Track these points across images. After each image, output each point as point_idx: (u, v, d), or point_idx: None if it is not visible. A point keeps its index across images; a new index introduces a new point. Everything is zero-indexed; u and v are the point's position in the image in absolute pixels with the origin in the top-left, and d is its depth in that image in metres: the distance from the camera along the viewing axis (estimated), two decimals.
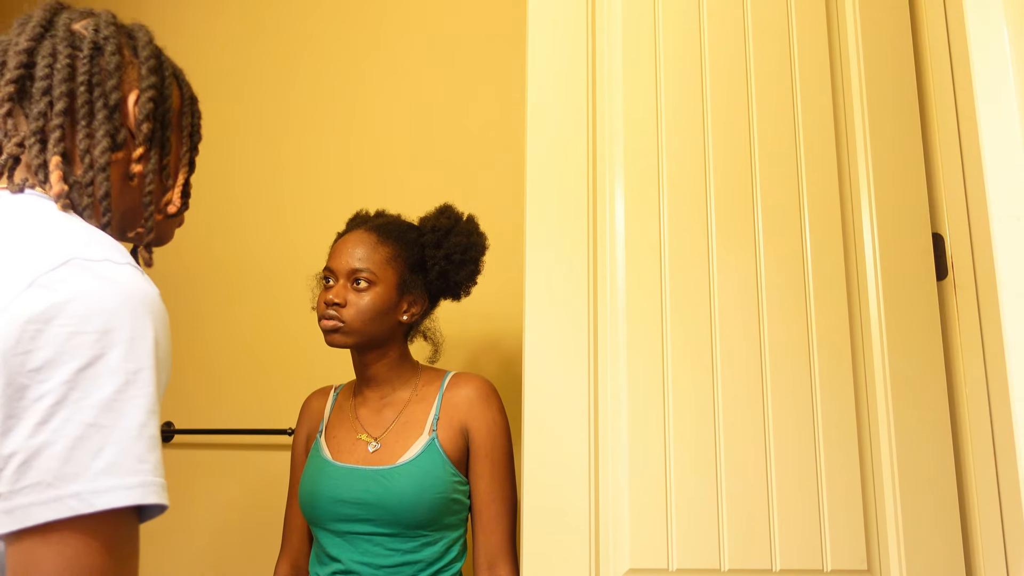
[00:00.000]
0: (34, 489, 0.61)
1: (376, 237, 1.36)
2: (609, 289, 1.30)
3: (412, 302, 1.37)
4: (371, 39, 2.07)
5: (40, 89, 0.81)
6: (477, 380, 1.36)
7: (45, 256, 0.68)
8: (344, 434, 1.37)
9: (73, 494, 0.61)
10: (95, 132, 0.83)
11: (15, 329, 0.63)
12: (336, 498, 1.29)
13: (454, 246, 1.38)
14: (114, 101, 0.85)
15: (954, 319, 1.31)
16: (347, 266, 1.33)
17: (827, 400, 1.27)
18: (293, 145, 2.09)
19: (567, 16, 1.39)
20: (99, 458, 0.62)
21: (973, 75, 0.88)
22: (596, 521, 1.22)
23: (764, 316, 1.29)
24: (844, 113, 1.38)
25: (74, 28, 0.86)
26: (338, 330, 1.32)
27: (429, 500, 1.26)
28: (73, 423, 0.62)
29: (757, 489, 1.23)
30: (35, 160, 0.80)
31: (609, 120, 1.36)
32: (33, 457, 0.61)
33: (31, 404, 0.62)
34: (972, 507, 1.25)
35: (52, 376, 0.62)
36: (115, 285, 0.68)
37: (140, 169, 0.87)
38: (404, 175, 1.98)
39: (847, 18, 1.41)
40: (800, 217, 1.33)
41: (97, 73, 0.84)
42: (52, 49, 0.83)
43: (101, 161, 0.83)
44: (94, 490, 0.62)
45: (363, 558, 1.27)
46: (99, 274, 0.68)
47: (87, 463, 0.62)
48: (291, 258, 2.02)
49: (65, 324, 0.64)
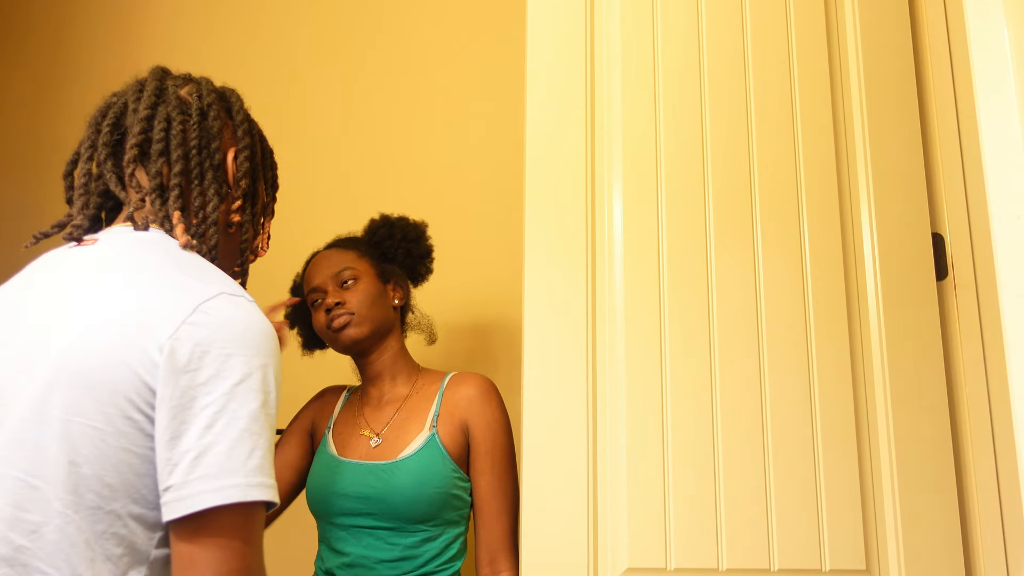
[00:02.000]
0: (202, 480, 0.74)
1: (337, 248, 1.47)
2: (608, 289, 1.30)
3: (395, 286, 1.47)
4: (368, 41, 2.07)
5: (157, 151, 0.93)
6: (477, 378, 1.38)
7: (202, 287, 0.82)
8: (349, 431, 1.40)
9: (234, 485, 0.75)
10: (207, 190, 0.96)
11: (187, 350, 0.77)
12: (339, 492, 1.32)
13: (405, 229, 1.51)
14: (218, 161, 0.98)
15: (954, 319, 1.31)
16: (328, 274, 1.41)
17: (826, 399, 1.27)
18: (290, 147, 2.09)
19: (566, 20, 1.39)
20: (252, 457, 0.77)
21: (973, 75, 0.88)
22: (594, 520, 1.22)
23: (763, 315, 1.29)
24: (843, 113, 1.38)
25: (181, 95, 0.98)
26: (349, 323, 1.37)
27: (428, 494, 1.28)
28: (233, 427, 0.76)
29: (755, 488, 1.23)
30: (158, 212, 0.92)
31: (608, 123, 1.36)
32: (203, 454, 0.75)
33: (200, 411, 0.76)
34: (972, 507, 1.24)
35: (215, 389, 0.77)
36: (253, 320, 0.83)
37: (239, 219, 1.01)
38: (402, 177, 1.98)
39: (846, 18, 1.41)
40: (799, 217, 1.33)
41: (204, 136, 0.97)
42: (167, 116, 0.95)
43: (213, 216, 0.96)
44: (249, 484, 0.76)
45: (365, 551, 1.29)
46: (242, 307, 0.83)
47: (243, 461, 0.76)
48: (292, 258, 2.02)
49: (223, 347, 0.78)
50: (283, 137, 2.08)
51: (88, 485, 0.76)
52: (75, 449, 0.76)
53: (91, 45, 2.23)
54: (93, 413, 0.76)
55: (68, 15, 2.28)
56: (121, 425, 0.77)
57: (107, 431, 0.76)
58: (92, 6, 2.26)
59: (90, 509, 0.76)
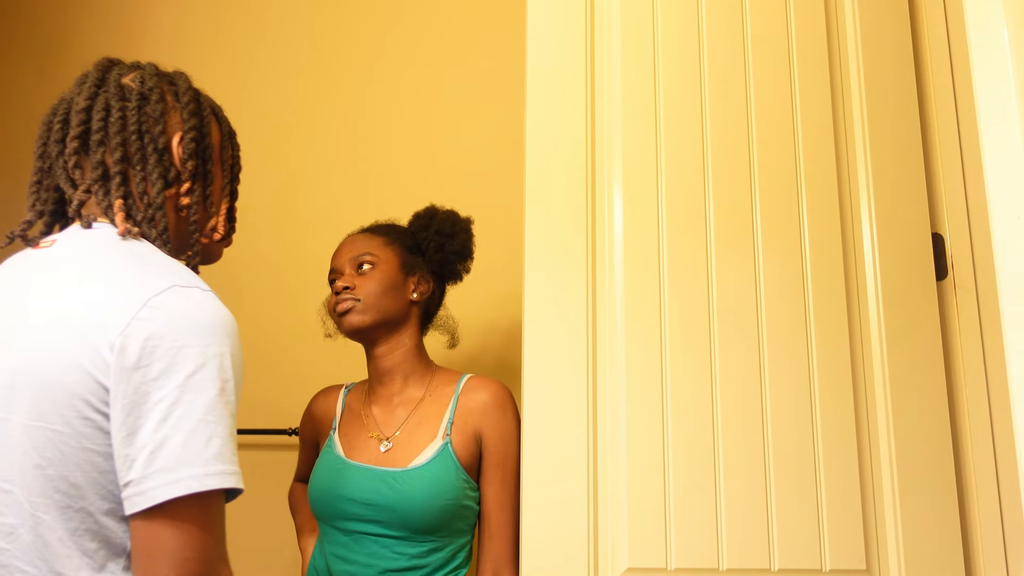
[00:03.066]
0: (160, 474, 0.75)
1: (369, 233, 1.44)
2: (608, 290, 1.30)
3: (418, 281, 1.42)
4: (377, 43, 2.08)
5: (96, 140, 0.93)
6: (494, 385, 1.35)
7: (152, 281, 0.82)
8: (356, 431, 1.37)
9: (191, 476, 0.75)
10: (150, 174, 0.94)
11: (137, 347, 0.77)
12: (347, 496, 1.28)
13: (441, 221, 1.46)
14: (162, 144, 0.96)
15: (954, 319, 1.31)
16: (348, 256, 1.39)
17: (826, 400, 1.27)
18: (298, 143, 2.10)
19: (566, 20, 1.39)
20: (209, 446, 0.77)
21: (973, 75, 0.88)
22: (594, 520, 1.22)
23: (763, 316, 1.29)
24: (843, 113, 1.38)
25: (123, 82, 0.97)
26: (353, 309, 1.34)
27: (440, 506, 1.25)
28: (188, 419, 0.77)
29: (756, 488, 1.23)
30: (102, 203, 0.92)
31: (608, 123, 1.36)
32: (159, 448, 0.76)
33: (154, 406, 0.76)
34: (972, 507, 1.24)
35: (168, 382, 0.77)
36: (205, 309, 0.82)
37: (188, 202, 0.98)
38: (406, 176, 1.98)
39: (846, 18, 1.41)
40: (799, 218, 1.33)
41: (145, 121, 0.95)
42: (105, 104, 0.94)
43: (158, 200, 0.95)
44: (207, 473, 0.76)
45: (369, 560, 1.26)
46: (194, 299, 0.83)
47: (200, 451, 0.76)
48: (295, 258, 2.02)
49: (175, 340, 0.78)
50: (292, 132, 2.09)
51: (55, 486, 0.78)
52: (39, 453, 0.78)
53: (94, 46, 2.23)
54: (52, 416, 0.78)
55: (70, 15, 2.28)
56: (79, 426, 0.78)
57: (66, 433, 0.78)
58: (94, 6, 2.26)
59: (60, 509, 0.78)
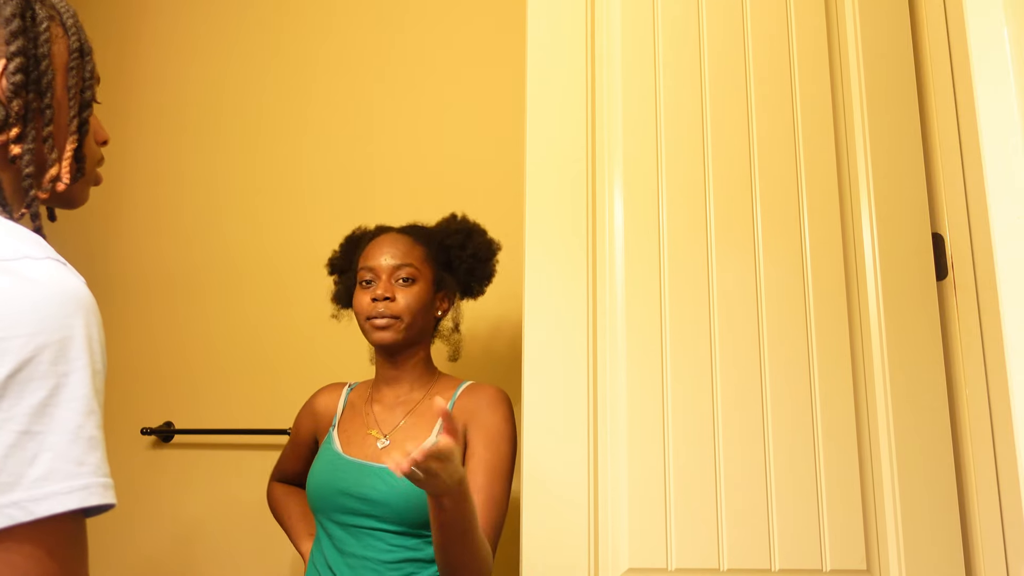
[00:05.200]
0: None
1: (410, 239, 1.41)
2: (608, 290, 1.30)
3: (443, 299, 1.44)
4: (381, 44, 2.08)
5: None
6: (490, 388, 1.36)
7: None
8: (355, 428, 1.39)
9: (12, 503, 0.59)
10: None
11: None
12: (343, 491, 1.31)
13: (479, 245, 1.46)
14: None
15: (954, 319, 1.31)
16: (391, 263, 1.37)
17: (826, 400, 1.27)
18: (301, 144, 2.10)
19: (566, 20, 1.39)
20: (35, 465, 0.60)
21: (973, 75, 0.88)
22: (595, 520, 1.22)
23: (763, 315, 1.29)
24: (844, 114, 1.38)
25: None
26: (392, 326, 1.34)
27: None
28: (5, 432, 0.59)
29: (756, 488, 1.23)
30: None
31: (608, 123, 1.36)
32: None
33: None
34: (972, 507, 1.24)
35: None
36: (37, 285, 0.63)
37: (19, 151, 0.77)
38: (407, 176, 1.98)
39: (847, 19, 1.41)
40: (799, 218, 1.33)
41: None
42: None
43: None
44: (32, 498, 0.60)
45: (365, 552, 1.28)
46: (19, 274, 0.63)
47: (23, 471, 0.60)
48: (295, 258, 2.02)
49: None
50: (287, 138, 2.10)
51: None
52: None
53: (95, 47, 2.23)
54: None
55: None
56: None
57: None
58: (96, 7, 2.26)
59: None
